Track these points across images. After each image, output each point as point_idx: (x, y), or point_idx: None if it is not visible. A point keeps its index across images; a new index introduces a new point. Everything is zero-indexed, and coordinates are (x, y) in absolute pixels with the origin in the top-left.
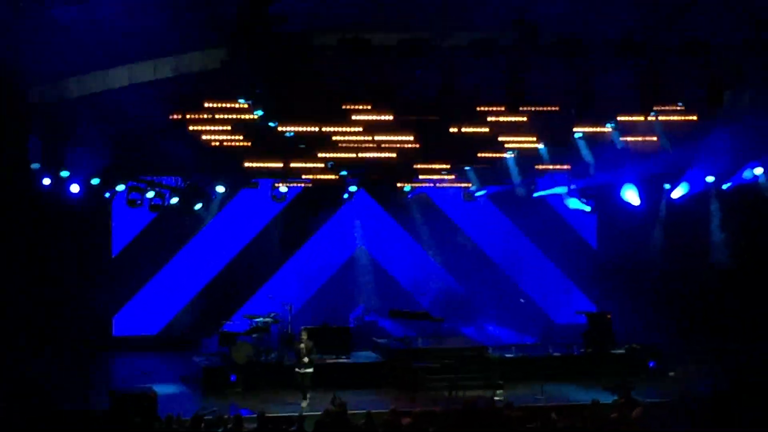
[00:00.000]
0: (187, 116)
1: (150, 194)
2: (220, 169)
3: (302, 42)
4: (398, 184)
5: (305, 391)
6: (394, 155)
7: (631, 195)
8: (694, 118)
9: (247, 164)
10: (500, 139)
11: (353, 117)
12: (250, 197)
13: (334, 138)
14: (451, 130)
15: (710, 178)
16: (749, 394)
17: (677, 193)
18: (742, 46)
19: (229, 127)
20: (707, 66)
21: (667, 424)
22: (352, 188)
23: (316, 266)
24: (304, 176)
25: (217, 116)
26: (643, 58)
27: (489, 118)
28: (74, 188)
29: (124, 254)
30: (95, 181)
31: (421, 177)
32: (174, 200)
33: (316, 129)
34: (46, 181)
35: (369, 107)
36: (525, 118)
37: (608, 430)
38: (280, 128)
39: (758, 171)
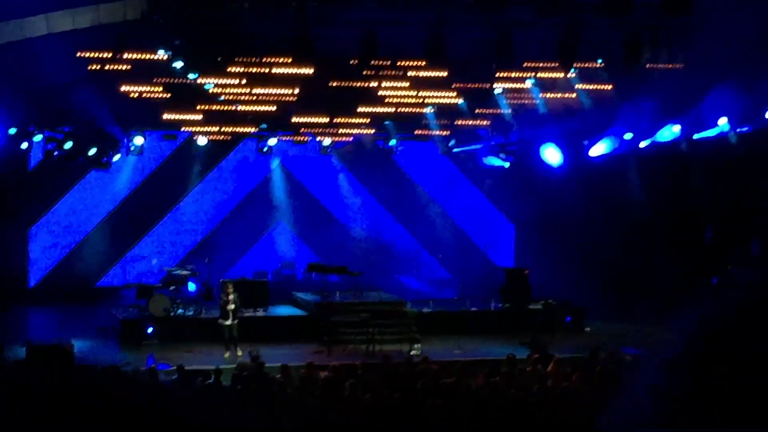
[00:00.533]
0: (106, 67)
1: (67, 145)
2: (138, 121)
3: None
4: (318, 138)
5: (233, 343)
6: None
7: (551, 154)
8: (609, 87)
9: (165, 116)
10: (420, 94)
11: (274, 70)
12: (169, 148)
13: (254, 91)
14: (372, 84)
15: (628, 135)
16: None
17: (596, 151)
18: (661, 5)
19: (148, 79)
20: (626, 24)
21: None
22: (272, 141)
23: (231, 188)
24: (224, 128)
25: (136, 68)
26: (562, 15)
27: (409, 73)
28: None
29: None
30: (12, 131)
31: (341, 131)
32: (92, 151)
33: (236, 81)
34: None
35: (289, 60)
36: (445, 73)
37: (523, 384)
38: (200, 80)
39: (676, 129)
